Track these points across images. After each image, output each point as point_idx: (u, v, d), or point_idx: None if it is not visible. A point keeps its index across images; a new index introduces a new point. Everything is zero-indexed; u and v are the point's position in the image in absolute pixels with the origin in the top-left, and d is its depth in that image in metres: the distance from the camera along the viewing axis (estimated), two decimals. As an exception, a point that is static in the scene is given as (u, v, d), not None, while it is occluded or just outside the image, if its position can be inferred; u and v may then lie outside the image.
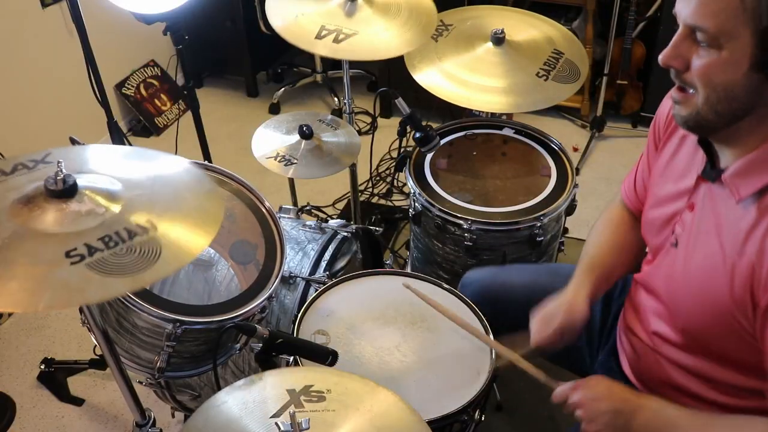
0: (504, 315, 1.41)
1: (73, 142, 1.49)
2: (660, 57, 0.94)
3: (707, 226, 1.02)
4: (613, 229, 1.36)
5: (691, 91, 0.94)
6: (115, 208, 0.98)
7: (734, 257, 0.96)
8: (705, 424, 1.03)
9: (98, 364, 2.10)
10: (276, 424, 0.98)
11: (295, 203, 2.28)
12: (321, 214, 2.49)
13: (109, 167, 1.09)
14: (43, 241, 0.91)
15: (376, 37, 1.70)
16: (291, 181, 2.21)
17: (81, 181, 0.99)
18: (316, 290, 1.51)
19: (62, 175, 0.95)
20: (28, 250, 0.90)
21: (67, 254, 0.90)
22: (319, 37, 1.67)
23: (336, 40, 1.66)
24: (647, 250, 1.26)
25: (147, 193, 1.05)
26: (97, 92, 1.96)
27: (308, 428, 0.97)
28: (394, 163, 2.94)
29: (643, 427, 1.06)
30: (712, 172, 1.02)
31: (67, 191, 0.96)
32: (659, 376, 1.20)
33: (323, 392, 1.04)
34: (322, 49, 1.67)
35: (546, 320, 1.27)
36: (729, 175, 0.97)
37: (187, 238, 0.99)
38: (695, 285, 1.04)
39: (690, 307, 1.06)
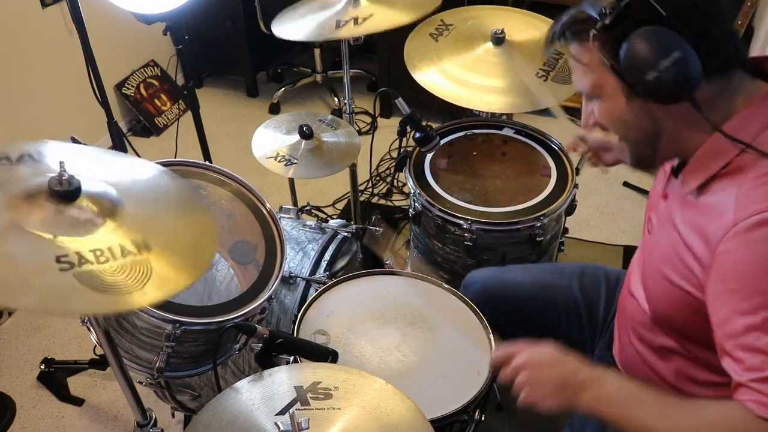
0: (506, 313, 1.42)
1: (74, 141, 1.49)
2: (582, 125, 1.11)
3: (670, 214, 1.08)
4: None
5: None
6: (114, 221, 0.97)
7: (681, 245, 1.01)
8: (665, 405, 0.96)
9: (98, 364, 2.10)
10: (276, 424, 0.98)
11: (295, 203, 2.28)
12: (321, 214, 2.49)
13: (112, 175, 1.07)
14: (36, 240, 0.89)
15: (392, 11, 1.80)
16: (291, 181, 2.21)
17: (85, 184, 0.97)
18: (316, 290, 1.51)
19: (66, 176, 0.94)
20: (20, 246, 0.88)
21: (57, 259, 0.87)
22: (339, 26, 1.76)
23: (356, 23, 1.75)
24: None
25: (149, 213, 1.03)
26: (97, 92, 1.96)
27: (307, 428, 0.97)
28: (394, 163, 2.94)
29: (593, 403, 0.99)
30: (678, 166, 1.08)
31: (69, 194, 0.94)
32: (641, 368, 1.22)
33: (330, 389, 1.05)
34: (346, 32, 1.75)
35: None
36: (685, 170, 1.04)
37: (177, 269, 0.97)
38: (655, 269, 1.08)
39: (655, 291, 1.10)
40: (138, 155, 2.47)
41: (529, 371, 1.04)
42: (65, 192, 0.94)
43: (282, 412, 1.01)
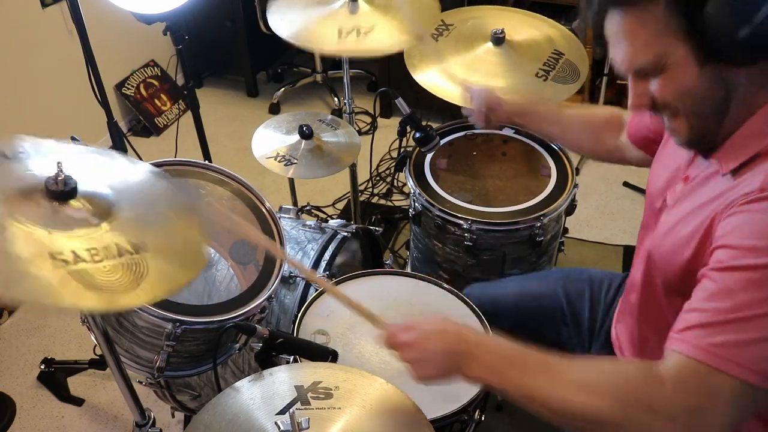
0: (499, 325, 1.43)
1: (74, 141, 1.49)
2: (629, 109, 1.00)
3: (694, 194, 1.04)
4: (598, 110, 1.50)
5: (673, 121, 0.98)
6: (110, 222, 0.97)
7: (708, 223, 0.97)
8: (547, 363, 0.93)
9: (98, 364, 2.10)
10: (276, 423, 0.98)
11: (295, 203, 2.28)
12: (321, 214, 2.49)
13: (112, 177, 1.08)
14: (31, 234, 0.89)
15: (393, 27, 1.74)
16: (291, 181, 2.21)
17: (81, 186, 0.97)
18: (316, 290, 1.51)
19: (63, 177, 0.94)
20: (14, 239, 0.87)
21: (52, 256, 0.87)
22: (341, 37, 1.70)
23: (358, 35, 1.70)
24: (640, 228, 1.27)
25: (142, 216, 1.03)
26: (97, 92, 1.96)
27: (308, 428, 0.97)
28: (394, 163, 2.94)
29: (478, 371, 0.96)
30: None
31: (65, 194, 0.95)
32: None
33: (331, 389, 1.05)
34: (349, 45, 1.70)
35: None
36: (719, 152, 1.00)
37: (171, 272, 0.97)
38: (673, 242, 1.04)
39: (668, 264, 1.06)
40: (138, 155, 2.48)
41: (415, 348, 0.99)
42: (61, 192, 0.94)
43: (282, 412, 1.01)
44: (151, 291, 0.92)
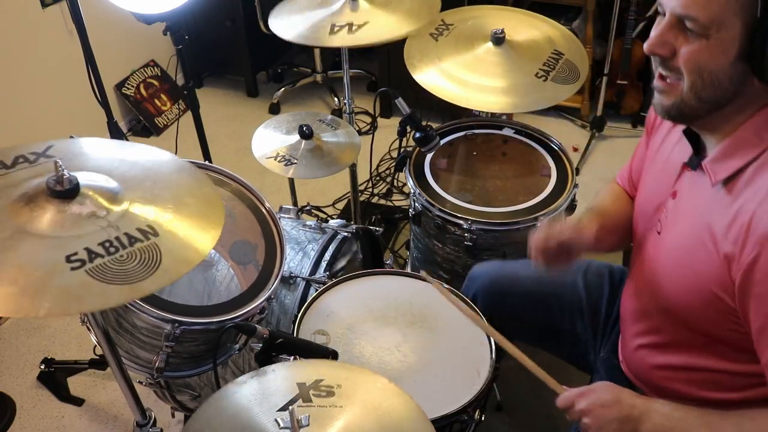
0: (511, 307, 1.41)
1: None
2: (645, 45, 0.97)
3: (686, 210, 1.05)
4: (616, 195, 1.38)
5: (669, 80, 0.97)
6: (116, 211, 0.97)
7: (709, 238, 0.99)
8: (710, 423, 1.02)
9: (98, 364, 2.10)
10: (276, 420, 0.98)
11: (295, 203, 2.28)
12: (321, 214, 2.49)
13: (108, 164, 1.07)
14: (43, 243, 0.90)
15: (386, 21, 1.78)
16: (291, 181, 2.21)
17: (82, 179, 0.97)
18: (316, 290, 1.51)
19: (67, 175, 0.94)
20: (28, 253, 0.88)
21: (68, 259, 0.88)
22: (332, 33, 1.73)
23: (350, 32, 1.73)
24: (632, 243, 1.27)
25: (147, 195, 1.03)
26: (97, 92, 1.96)
27: (308, 425, 0.97)
28: (394, 163, 2.94)
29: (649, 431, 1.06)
30: (695, 159, 1.05)
31: (69, 192, 0.95)
32: (647, 376, 1.22)
33: (333, 387, 1.05)
34: (339, 41, 1.73)
35: (552, 231, 1.25)
36: (708, 161, 1.01)
37: (188, 244, 0.98)
38: (676, 264, 1.06)
39: (671, 287, 1.08)
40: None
41: (593, 414, 1.09)
42: (65, 191, 0.94)
43: (283, 409, 1.01)
44: (168, 272, 0.92)
